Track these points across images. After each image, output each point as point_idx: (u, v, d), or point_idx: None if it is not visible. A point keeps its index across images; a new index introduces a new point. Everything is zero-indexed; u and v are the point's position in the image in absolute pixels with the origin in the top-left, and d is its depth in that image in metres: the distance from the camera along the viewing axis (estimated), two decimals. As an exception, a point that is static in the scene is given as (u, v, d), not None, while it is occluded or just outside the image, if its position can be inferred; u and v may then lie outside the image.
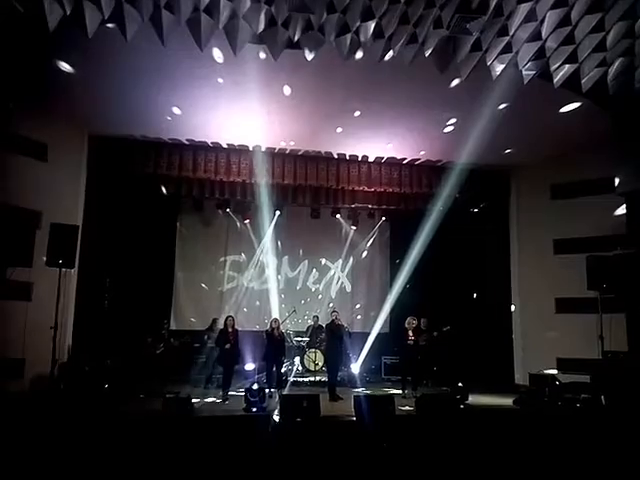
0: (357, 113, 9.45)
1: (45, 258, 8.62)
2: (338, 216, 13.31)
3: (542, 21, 6.92)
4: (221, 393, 9.53)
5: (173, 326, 12.59)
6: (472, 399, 9.12)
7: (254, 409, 8.09)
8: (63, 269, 8.56)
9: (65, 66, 7.95)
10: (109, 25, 6.64)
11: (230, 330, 9.80)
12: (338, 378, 10.43)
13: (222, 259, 13.45)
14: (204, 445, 5.82)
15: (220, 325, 10.94)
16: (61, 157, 10.05)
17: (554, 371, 10.32)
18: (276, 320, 10.27)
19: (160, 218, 12.74)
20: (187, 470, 5.33)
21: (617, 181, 10.18)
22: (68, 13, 6.37)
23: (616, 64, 7.68)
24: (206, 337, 11.30)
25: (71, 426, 6.28)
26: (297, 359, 11.80)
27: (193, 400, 8.06)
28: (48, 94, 8.90)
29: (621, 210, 10.19)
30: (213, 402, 9.24)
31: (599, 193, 10.58)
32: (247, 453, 5.59)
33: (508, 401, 9.29)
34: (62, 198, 10.05)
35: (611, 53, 7.46)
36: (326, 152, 11.49)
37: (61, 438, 5.76)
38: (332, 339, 10.18)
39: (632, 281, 9.18)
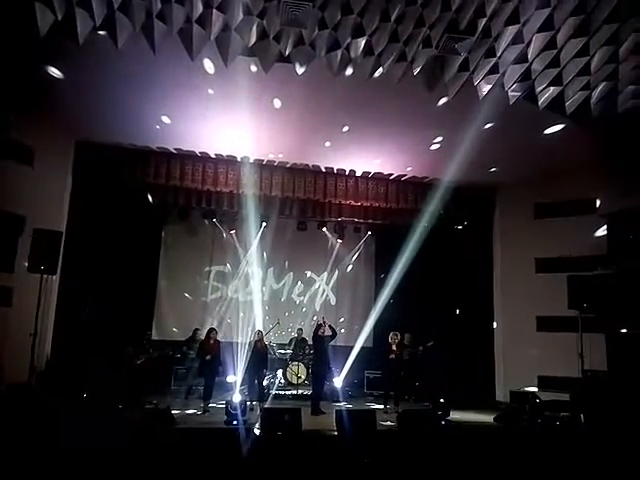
0: (345, 128, 9.53)
1: (27, 263, 8.52)
2: (324, 229, 13.35)
3: (528, 44, 7.07)
4: (202, 405, 9.43)
5: (155, 336, 12.46)
6: (453, 415, 9.13)
7: (235, 422, 8.01)
8: (45, 275, 8.46)
9: (54, 71, 7.92)
10: (100, 32, 6.65)
11: (212, 342, 9.72)
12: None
13: (207, 269, 13.38)
14: (183, 458, 5.75)
15: (202, 336, 10.89)
16: (47, 162, 9.96)
17: (534, 389, 10.40)
18: (259, 332, 10.20)
19: (145, 226, 12.66)
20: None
21: (599, 202, 10.41)
22: (59, 19, 6.36)
23: (600, 88, 7.85)
24: (186, 348, 11.20)
25: (48, 435, 6.17)
26: (279, 372, 11.73)
27: (173, 411, 7.98)
28: (36, 99, 8.85)
29: (602, 231, 10.38)
30: (193, 414, 9.14)
31: (581, 214, 10.78)
32: (227, 466, 5.53)
33: (489, 418, 9.32)
34: (47, 203, 9.95)
35: (595, 77, 7.63)
36: (314, 165, 11.54)
37: (38, 447, 5.65)
38: (317, 351, 10.11)
39: (612, 301, 9.33)
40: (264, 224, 12.82)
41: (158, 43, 6.80)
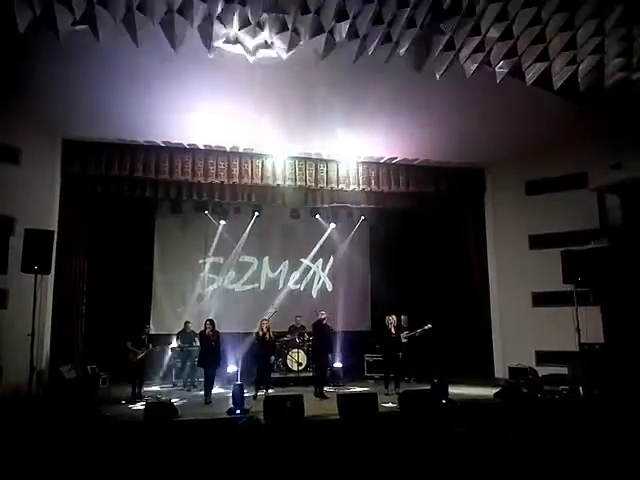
0: (334, 113, 9.44)
1: (20, 264, 8.47)
2: (317, 216, 13.32)
3: (513, 20, 7.03)
4: (204, 396, 9.48)
5: (153, 330, 12.43)
6: (454, 394, 9.22)
7: (238, 411, 8.06)
8: (39, 275, 8.42)
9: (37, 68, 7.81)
10: (81, 27, 6.55)
11: (210, 333, 9.74)
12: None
13: (201, 261, 13.34)
14: (188, 449, 5.79)
15: (192, 328, 10.98)
16: (35, 161, 9.88)
17: (532, 364, 10.52)
18: (267, 322, 10.21)
19: (138, 221, 12.60)
20: (171, 475, 5.29)
21: (589, 176, 10.43)
22: (38, 14, 6.26)
23: (586, 62, 7.83)
24: (180, 340, 11.25)
25: (50, 434, 6.19)
26: (280, 359, 11.80)
27: (175, 403, 8.02)
28: (20, 97, 8.73)
29: (594, 205, 10.43)
30: (195, 405, 9.18)
31: (572, 188, 10.81)
32: (232, 455, 5.57)
33: (489, 395, 9.41)
34: (36, 203, 9.88)
35: (581, 51, 7.60)
36: (304, 152, 11.49)
37: (40, 447, 5.67)
38: (319, 339, 10.28)
39: (605, 274, 9.40)
40: (256, 213, 12.79)
41: (140, 35, 6.70)
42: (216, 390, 9.73)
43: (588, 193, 10.49)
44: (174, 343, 11.48)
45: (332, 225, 13.62)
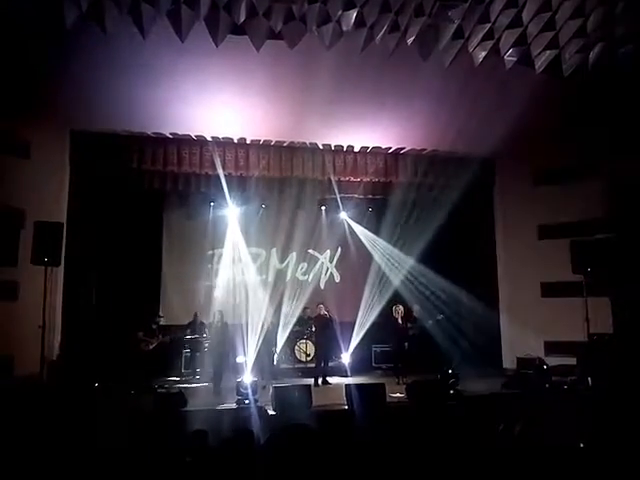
0: (341, 103, 9.39)
1: (30, 256, 8.54)
2: (324, 207, 13.29)
3: (522, 7, 6.94)
4: (213, 386, 9.54)
5: (162, 321, 12.52)
6: (462, 384, 9.21)
7: (246, 401, 8.11)
8: (49, 267, 8.49)
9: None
10: (87, 19, 6.55)
11: (219, 323, 9.81)
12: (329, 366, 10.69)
13: (210, 252, 13.35)
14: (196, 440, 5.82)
15: (201, 319, 11.03)
16: (44, 154, 9.93)
17: (541, 354, 10.49)
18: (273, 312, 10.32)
19: (146, 213, 12.61)
20: (180, 466, 5.33)
21: (599, 167, 10.34)
22: (44, 8, 6.27)
23: (596, 49, 7.73)
24: (189, 331, 11.33)
25: (61, 424, 6.26)
26: (288, 350, 11.86)
27: (184, 394, 8.07)
28: (29, 90, 8.75)
29: (603, 195, 10.34)
30: (204, 395, 9.24)
31: (581, 178, 10.71)
32: (240, 445, 5.59)
33: (497, 385, 9.40)
34: (46, 195, 9.94)
35: (591, 38, 7.50)
36: (311, 143, 11.45)
37: (51, 436, 5.74)
38: (320, 330, 10.33)
39: (615, 264, 9.35)
40: (264, 205, 12.78)
41: (147, 26, 6.68)
42: (225, 380, 9.78)
43: (597, 183, 10.41)
44: (183, 334, 11.54)
45: (339, 216, 13.60)
